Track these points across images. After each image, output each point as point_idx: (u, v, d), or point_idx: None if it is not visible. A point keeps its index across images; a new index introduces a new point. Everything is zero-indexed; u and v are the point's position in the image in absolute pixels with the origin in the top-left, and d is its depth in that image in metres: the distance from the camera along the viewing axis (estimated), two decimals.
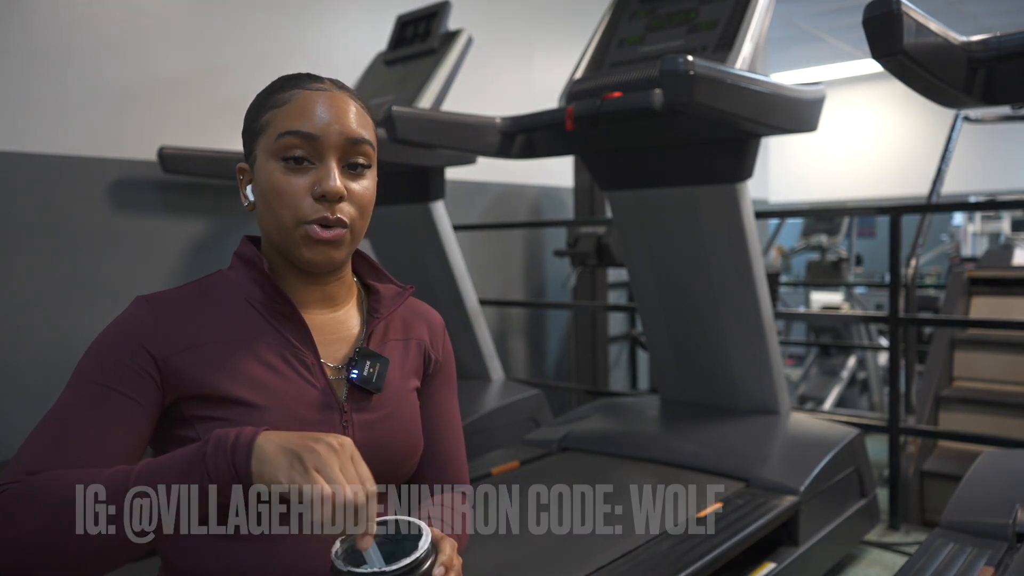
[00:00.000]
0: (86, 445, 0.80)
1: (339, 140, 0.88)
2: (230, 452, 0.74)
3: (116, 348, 0.85)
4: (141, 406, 0.83)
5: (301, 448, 0.72)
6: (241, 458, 0.74)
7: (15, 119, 2.57)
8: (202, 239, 3.05)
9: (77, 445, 0.79)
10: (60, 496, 0.73)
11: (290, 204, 0.87)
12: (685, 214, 2.37)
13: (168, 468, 0.75)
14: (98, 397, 0.82)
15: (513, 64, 4.23)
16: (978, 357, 3.25)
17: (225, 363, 0.86)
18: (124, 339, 0.85)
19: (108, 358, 0.84)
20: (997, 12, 6.67)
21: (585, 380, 4.11)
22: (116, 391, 0.82)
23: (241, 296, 0.92)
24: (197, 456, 0.75)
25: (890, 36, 1.35)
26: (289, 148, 0.87)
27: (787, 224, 6.18)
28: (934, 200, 3.65)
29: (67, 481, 0.74)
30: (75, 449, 0.79)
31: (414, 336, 1.03)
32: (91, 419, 0.81)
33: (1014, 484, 1.79)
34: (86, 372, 0.84)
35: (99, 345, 0.86)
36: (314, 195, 0.87)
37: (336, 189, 0.86)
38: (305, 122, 0.87)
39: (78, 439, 0.80)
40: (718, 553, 1.70)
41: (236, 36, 3.09)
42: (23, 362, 2.58)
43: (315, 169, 0.88)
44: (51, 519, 0.73)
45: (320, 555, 0.86)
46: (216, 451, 0.74)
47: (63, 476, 0.75)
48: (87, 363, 0.85)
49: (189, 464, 0.74)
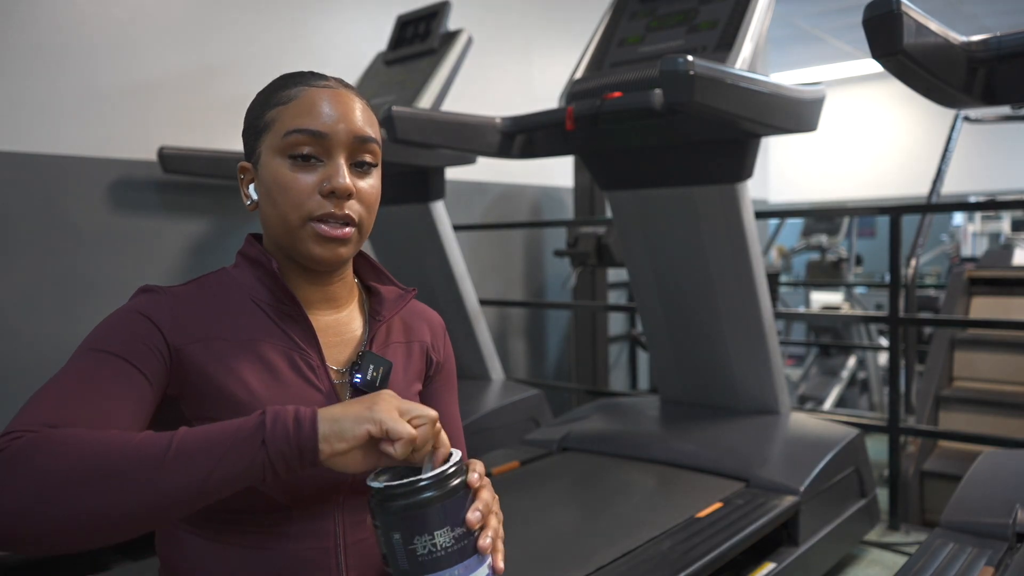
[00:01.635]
0: (97, 406, 0.76)
1: (347, 138, 0.87)
2: (292, 424, 0.72)
3: (131, 323, 0.83)
4: (151, 385, 0.81)
5: (360, 404, 0.75)
6: (307, 429, 0.72)
7: (15, 119, 2.57)
8: (202, 239, 3.05)
9: (88, 406, 0.75)
10: (90, 449, 0.69)
11: (296, 201, 0.86)
12: (685, 214, 2.37)
13: (212, 437, 0.71)
14: (110, 365, 0.79)
15: (513, 64, 4.23)
16: (978, 357, 3.25)
17: (232, 361, 0.86)
18: (138, 317, 0.84)
19: (121, 331, 0.82)
20: (997, 12, 6.67)
21: (585, 380, 4.11)
22: (127, 362, 0.80)
23: (246, 295, 0.91)
24: (252, 426, 0.72)
25: (890, 36, 1.35)
26: (297, 145, 0.86)
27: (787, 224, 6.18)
28: (934, 200, 3.65)
29: (95, 436, 0.70)
30: (86, 410, 0.75)
31: (416, 338, 1.02)
32: (103, 384, 0.78)
33: (1014, 484, 1.79)
34: (97, 341, 0.81)
35: (113, 320, 0.84)
36: (322, 192, 0.86)
37: (346, 186, 0.86)
38: (313, 120, 0.86)
39: (89, 401, 0.76)
40: (718, 553, 1.70)
41: (236, 36, 3.09)
42: (23, 362, 2.58)
43: (323, 166, 0.87)
44: (76, 473, 0.68)
45: (316, 559, 0.86)
46: (276, 423, 0.72)
47: (90, 432, 0.71)
48: (98, 334, 0.82)
49: (240, 434, 0.72)
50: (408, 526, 0.75)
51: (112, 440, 0.71)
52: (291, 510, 0.86)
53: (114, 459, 0.69)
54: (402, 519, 0.75)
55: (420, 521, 0.75)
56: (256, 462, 0.71)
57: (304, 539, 0.86)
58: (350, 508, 0.89)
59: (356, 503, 0.90)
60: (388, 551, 0.76)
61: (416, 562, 0.75)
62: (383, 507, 0.75)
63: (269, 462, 0.71)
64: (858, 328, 4.92)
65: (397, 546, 0.75)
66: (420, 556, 0.74)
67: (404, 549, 0.75)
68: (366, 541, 0.91)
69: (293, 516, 0.86)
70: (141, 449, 0.70)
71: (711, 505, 1.95)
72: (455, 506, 0.76)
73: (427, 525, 0.75)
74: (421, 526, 0.75)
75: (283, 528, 0.85)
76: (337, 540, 0.88)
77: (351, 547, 0.89)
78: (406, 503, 0.74)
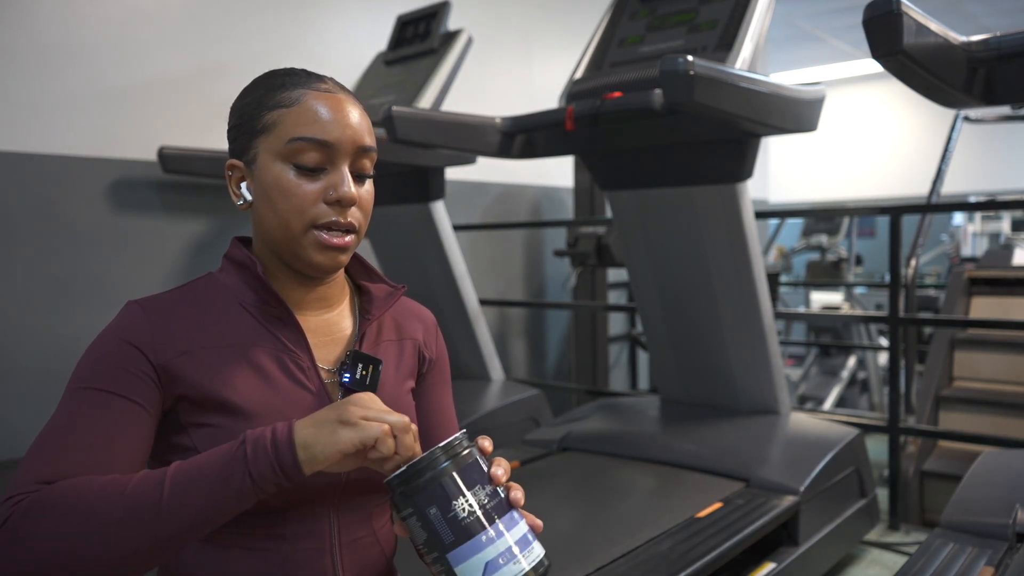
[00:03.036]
0: (96, 451, 0.78)
1: (352, 148, 0.88)
2: (271, 449, 0.74)
3: (114, 353, 0.83)
4: (145, 411, 0.82)
5: (335, 415, 0.76)
6: (285, 452, 0.74)
7: (15, 119, 2.57)
8: (202, 239, 3.05)
9: (87, 451, 0.78)
10: (86, 503, 0.72)
11: (300, 207, 0.86)
12: (685, 214, 2.37)
13: (202, 472, 0.74)
14: (102, 403, 0.81)
15: (513, 64, 4.23)
16: (978, 357, 3.25)
17: (221, 368, 0.86)
18: (121, 344, 0.84)
19: (107, 363, 0.83)
20: (997, 12, 6.67)
21: (585, 380, 4.11)
22: (119, 396, 0.81)
23: (233, 299, 0.91)
24: (235, 458, 0.74)
25: (890, 36, 1.35)
26: (302, 153, 0.86)
27: (787, 224, 6.18)
28: (934, 200, 3.65)
29: (91, 488, 0.73)
30: (85, 456, 0.78)
31: (408, 336, 1.02)
32: (98, 425, 0.79)
33: (1014, 484, 1.79)
34: (85, 379, 0.82)
35: (96, 351, 0.85)
36: (327, 200, 0.87)
37: (352, 196, 0.87)
38: (318, 128, 0.86)
39: (87, 445, 0.78)
40: (718, 553, 1.70)
41: (236, 36, 3.09)
42: (23, 362, 2.58)
43: (327, 174, 0.88)
44: (77, 528, 0.71)
45: (312, 562, 0.87)
46: (256, 451, 0.74)
47: (86, 483, 0.74)
48: (85, 370, 0.83)
49: (226, 467, 0.74)
50: (442, 495, 0.75)
51: (110, 487, 0.74)
52: (286, 511, 0.86)
53: (115, 506, 0.72)
54: (434, 491, 0.75)
55: (451, 486, 0.75)
56: (245, 489, 0.74)
57: (299, 539, 0.86)
58: (344, 508, 0.90)
59: (350, 503, 0.90)
60: (429, 531, 0.76)
61: (460, 527, 0.75)
62: (411, 489, 0.76)
63: (258, 487, 0.74)
64: (858, 328, 4.92)
65: (437, 520, 0.75)
66: (463, 520, 0.75)
67: (444, 519, 0.75)
68: (361, 541, 0.91)
69: (288, 517, 0.86)
70: (138, 492, 0.73)
71: (711, 505, 1.95)
72: (477, 466, 0.78)
73: (459, 488, 0.76)
74: (454, 490, 0.75)
75: (278, 529, 0.86)
76: (332, 540, 0.88)
77: (346, 547, 0.89)
78: (432, 474, 0.75)
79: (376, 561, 0.93)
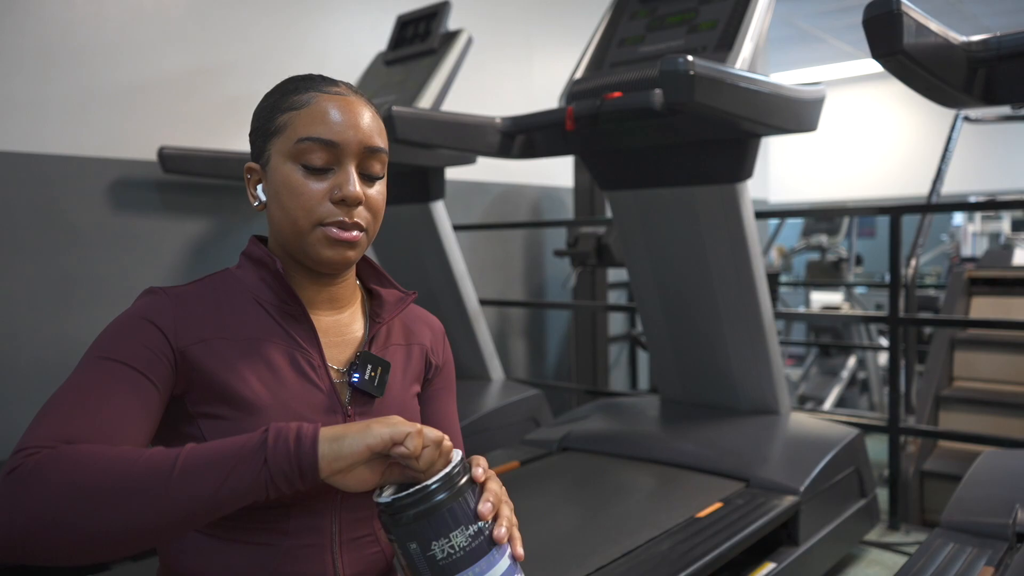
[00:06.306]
0: (108, 420, 0.78)
1: (358, 147, 0.89)
2: (293, 442, 0.74)
3: (136, 330, 0.85)
4: (157, 391, 0.83)
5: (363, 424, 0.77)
6: (307, 448, 0.74)
7: (15, 119, 2.57)
8: (202, 239, 3.05)
9: (100, 418, 0.78)
10: (100, 467, 0.71)
11: (307, 206, 0.88)
12: (685, 214, 2.37)
13: (219, 453, 0.74)
14: (119, 374, 0.81)
15: (513, 64, 4.23)
16: (978, 357, 3.25)
17: (234, 360, 0.87)
18: (144, 323, 0.85)
19: (129, 339, 0.84)
20: (997, 12, 6.67)
21: (585, 380, 4.11)
22: (136, 371, 0.82)
23: (249, 295, 0.93)
24: (255, 444, 0.74)
25: (890, 36, 1.35)
26: (308, 153, 0.88)
27: (787, 224, 6.18)
28: (934, 200, 3.65)
29: (105, 454, 0.73)
30: (98, 422, 0.77)
31: (416, 341, 1.04)
32: (113, 394, 0.80)
33: (1014, 484, 1.79)
34: (105, 349, 0.83)
35: (118, 326, 0.86)
36: (333, 199, 0.88)
37: (356, 195, 0.88)
38: (326, 128, 0.88)
39: (100, 412, 0.78)
40: (718, 553, 1.70)
41: (236, 36, 3.09)
42: (23, 362, 2.58)
43: (334, 173, 0.89)
44: (90, 491, 0.70)
45: (312, 559, 0.87)
46: (278, 441, 0.74)
47: (101, 449, 0.74)
48: (106, 341, 0.84)
49: (243, 454, 0.73)
50: (423, 533, 0.75)
51: (124, 456, 0.73)
52: (290, 507, 0.87)
53: (125, 475, 0.72)
54: (416, 527, 0.75)
55: (434, 526, 0.75)
56: (259, 480, 0.73)
57: (301, 535, 0.87)
58: (348, 506, 0.91)
59: (354, 501, 0.91)
60: (408, 563, 0.76)
61: (437, 567, 0.75)
62: (395, 520, 0.75)
63: (271, 480, 0.73)
64: (858, 328, 4.92)
65: (416, 556, 0.75)
66: (440, 561, 0.75)
67: (423, 557, 0.75)
68: (362, 539, 0.92)
69: (292, 513, 0.87)
70: (150, 466, 0.72)
71: (711, 505, 1.95)
72: (465, 504, 0.77)
73: (441, 528, 0.75)
74: (436, 531, 0.75)
75: (281, 524, 0.87)
76: (333, 537, 0.89)
77: (347, 544, 0.90)
78: (417, 511, 0.75)
79: (376, 560, 0.94)
